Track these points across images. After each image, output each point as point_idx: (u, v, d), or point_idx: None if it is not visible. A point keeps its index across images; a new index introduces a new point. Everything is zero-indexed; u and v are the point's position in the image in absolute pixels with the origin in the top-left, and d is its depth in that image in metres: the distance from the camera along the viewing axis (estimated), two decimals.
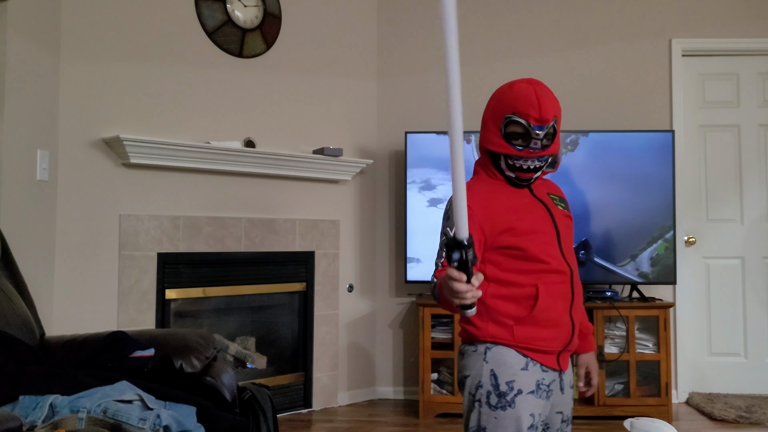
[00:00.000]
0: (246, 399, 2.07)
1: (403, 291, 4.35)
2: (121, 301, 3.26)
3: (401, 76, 4.43)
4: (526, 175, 1.71)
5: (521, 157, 1.67)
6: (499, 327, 1.68)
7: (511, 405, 1.66)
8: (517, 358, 1.68)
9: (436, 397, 3.87)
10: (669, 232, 3.91)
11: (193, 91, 3.58)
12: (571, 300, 1.72)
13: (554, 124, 1.67)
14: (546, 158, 1.70)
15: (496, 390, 1.67)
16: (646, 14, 4.35)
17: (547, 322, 1.67)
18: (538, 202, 1.76)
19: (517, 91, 1.67)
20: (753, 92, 4.36)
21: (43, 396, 1.54)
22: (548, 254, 1.69)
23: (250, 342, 3.89)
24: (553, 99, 1.68)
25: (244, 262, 3.74)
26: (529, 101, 1.64)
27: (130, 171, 3.33)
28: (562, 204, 1.82)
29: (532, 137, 1.65)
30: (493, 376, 1.68)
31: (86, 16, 3.21)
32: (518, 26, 4.40)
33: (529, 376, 1.68)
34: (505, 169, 1.72)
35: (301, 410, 3.97)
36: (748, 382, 4.26)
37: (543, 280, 1.67)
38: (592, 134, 3.94)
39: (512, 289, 1.68)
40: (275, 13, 3.89)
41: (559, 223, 1.75)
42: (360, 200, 4.30)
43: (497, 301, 1.68)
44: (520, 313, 1.67)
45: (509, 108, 1.67)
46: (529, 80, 1.69)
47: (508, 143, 1.68)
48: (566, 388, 1.78)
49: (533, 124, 1.64)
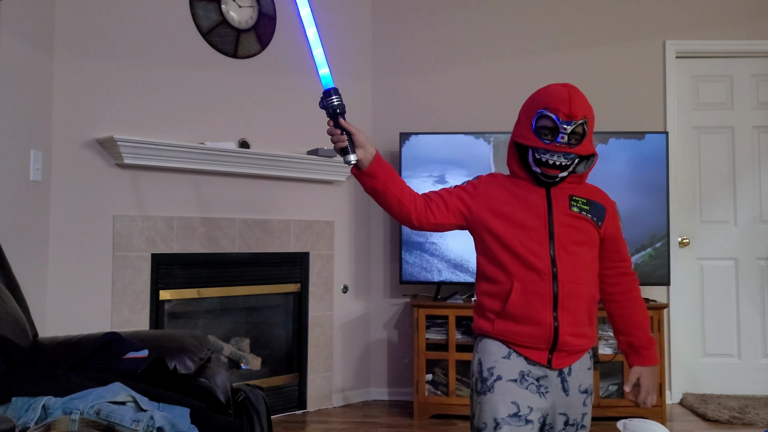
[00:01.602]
0: (240, 400, 2.06)
1: (397, 292, 4.35)
2: (115, 302, 3.25)
3: (396, 77, 4.43)
4: (551, 172, 1.76)
5: (548, 150, 1.74)
6: (485, 321, 1.82)
7: (490, 390, 1.75)
8: (500, 347, 1.79)
9: (430, 398, 3.87)
10: (658, 242, 3.91)
11: (187, 91, 3.57)
12: (554, 300, 1.73)
13: (584, 124, 1.74)
14: (572, 157, 1.75)
15: (481, 376, 1.79)
16: (639, 16, 4.36)
17: (522, 318, 1.75)
18: (544, 199, 1.80)
19: (551, 90, 1.78)
20: (746, 94, 4.38)
21: (36, 397, 1.53)
22: (530, 251, 1.75)
23: (244, 343, 3.88)
24: (585, 101, 1.76)
25: (239, 263, 3.73)
26: (560, 97, 1.74)
27: (124, 171, 3.32)
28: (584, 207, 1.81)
29: (560, 132, 1.72)
30: (479, 363, 1.81)
31: (80, 16, 3.20)
32: (511, 28, 4.40)
33: (510, 364, 1.76)
34: (532, 164, 1.78)
35: (296, 411, 3.96)
36: (742, 382, 4.27)
37: (520, 278, 1.75)
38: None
39: (495, 285, 1.80)
40: (270, 14, 3.89)
41: (557, 222, 1.77)
42: (355, 201, 4.30)
43: (484, 298, 1.83)
44: (498, 307, 1.78)
45: (542, 104, 1.76)
46: (564, 84, 1.80)
47: (537, 137, 1.75)
48: (572, 391, 1.78)
49: (562, 119, 1.72)
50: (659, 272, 3.91)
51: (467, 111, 4.35)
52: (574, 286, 1.76)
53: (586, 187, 1.88)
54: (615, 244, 1.87)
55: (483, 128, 4.21)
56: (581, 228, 1.80)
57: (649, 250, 3.91)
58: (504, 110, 4.27)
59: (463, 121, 4.32)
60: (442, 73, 4.39)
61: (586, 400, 1.81)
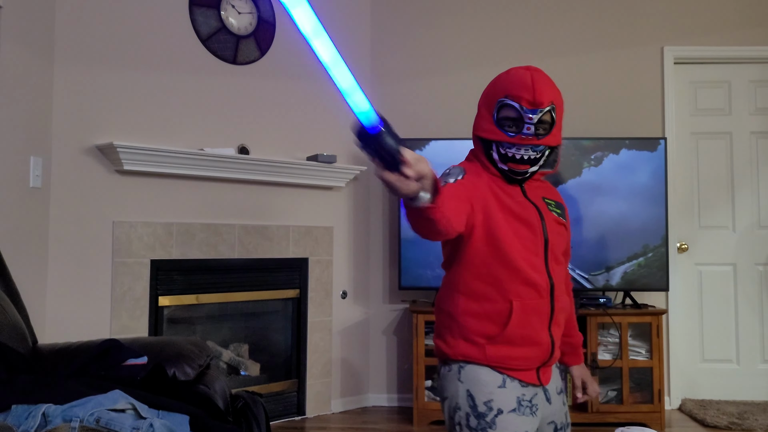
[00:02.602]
0: (239, 407, 2.07)
1: (396, 298, 4.35)
2: (114, 308, 3.25)
3: (395, 83, 4.44)
4: (520, 167, 1.58)
5: (513, 144, 1.55)
6: (470, 345, 1.58)
7: (491, 426, 1.54)
8: (493, 375, 1.57)
9: (430, 404, 3.87)
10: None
11: (186, 97, 3.58)
12: (550, 316, 1.60)
13: (551, 111, 1.57)
14: (541, 149, 1.57)
15: (475, 411, 1.56)
16: (638, 22, 4.37)
17: (521, 340, 1.56)
18: (530, 204, 1.63)
19: (512, 75, 1.59)
20: (744, 100, 4.39)
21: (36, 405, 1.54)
22: (528, 262, 1.57)
23: (243, 349, 3.88)
24: (551, 85, 1.58)
25: (238, 269, 3.73)
26: (522, 83, 1.54)
27: (124, 178, 3.32)
28: (557, 210, 1.69)
29: (525, 122, 1.54)
30: (469, 396, 1.57)
31: (80, 22, 3.21)
32: (509, 34, 4.42)
33: (507, 393, 1.57)
34: (498, 160, 1.59)
35: (295, 417, 3.96)
36: (741, 388, 4.27)
37: (518, 294, 1.55)
38: (583, 141, 3.95)
39: (484, 304, 1.57)
40: (269, 20, 3.90)
41: (549, 231, 1.62)
42: (354, 207, 4.31)
43: (468, 319, 1.58)
44: (491, 331, 1.56)
45: (503, 91, 1.58)
46: (527, 66, 1.61)
47: (500, 129, 1.57)
48: (553, 398, 1.69)
49: (526, 107, 1.54)
50: (658, 278, 3.91)
51: (467, 117, 4.35)
52: (564, 299, 1.66)
53: (546, 185, 1.73)
54: (569, 245, 1.76)
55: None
56: (561, 233, 1.68)
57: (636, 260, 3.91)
58: None
59: (464, 126, 4.32)
60: (442, 79, 4.40)
61: (564, 399, 1.74)
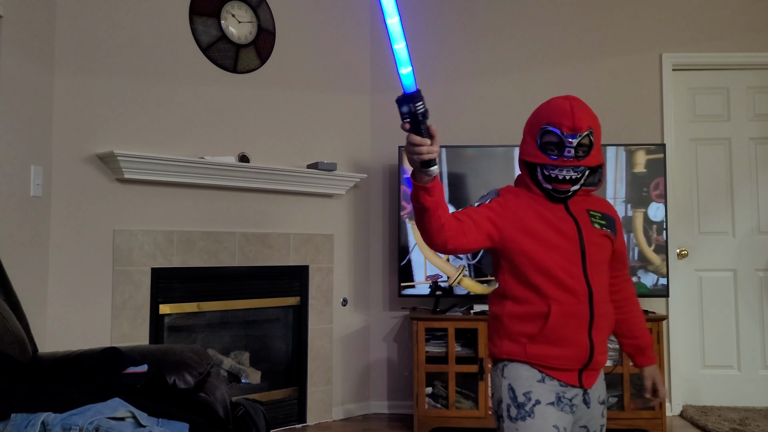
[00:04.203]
0: (239, 415, 2.07)
1: (397, 305, 4.35)
2: (115, 316, 3.25)
3: (395, 91, 4.43)
4: (562, 187, 1.75)
5: (556, 166, 1.73)
6: (513, 344, 1.75)
7: (530, 415, 1.69)
8: (532, 372, 1.73)
9: (431, 411, 3.87)
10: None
11: (187, 106, 3.59)
12: (590, 321, 1.73)
13: (589, 135, 1.74)
14: (582, 170, 1.74)
15: (515, 402, 1.72)
16: (636, 29, 4.39)
17: (559, 341, 1.71)
18: (569, 217, 1.78)
19: (553, 104, 1.77)
20: (743, 106, 4.40)
21: (35, 414, 1.54)
22: (565, 271, 1.72)
23: (244, 357, 3.88)
24: (589, 111, 1.75)
25: (238, 277, 3.74)
26: (562, 111, 1.72)
27: (124, 186, 3.33)
28: (602, 221, 1.82)
29: (566, 146, 1.71)
30: (510, 389, 1.73)
31: (80, 31, 3.23)
32: (508, 43, 4.43)
33: (546, 388, 1.72)
34: (542, 181, 1.77)
35: (296, 425, 3.96)
36: (742, 394, 4.27)
37: (556, 299, 1.71)
38: None
39: (526, 307, 1.74)
40: (269, 29, 3.92)
41: (587, 241, 1.76)
42: (354, 214, 4.31)
43: (512, 320, 1.76)
44: (532, 330, 1.73)
45: (545, 119, 1.75)
46: (566, 96, 1.78)
47: (544, 153, 1.74)
48: (593, 403, 1.79)
49: (566, 133, 1.71)
50: (658, 284, 3.91)
51: (467, 124, 4.37)
52: (605, 306, 1.78)
53: (595, 199, 1.89)
54: (621, 254, 1.91)
55: (484, 141, 4.23)
56: (604, 245, 1.82)
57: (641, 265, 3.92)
58: (504, 124, 4.30)
59: (464, 134, 4.34)
60: (441, 87, 4.41)
61: (603, 411, 1.84)
